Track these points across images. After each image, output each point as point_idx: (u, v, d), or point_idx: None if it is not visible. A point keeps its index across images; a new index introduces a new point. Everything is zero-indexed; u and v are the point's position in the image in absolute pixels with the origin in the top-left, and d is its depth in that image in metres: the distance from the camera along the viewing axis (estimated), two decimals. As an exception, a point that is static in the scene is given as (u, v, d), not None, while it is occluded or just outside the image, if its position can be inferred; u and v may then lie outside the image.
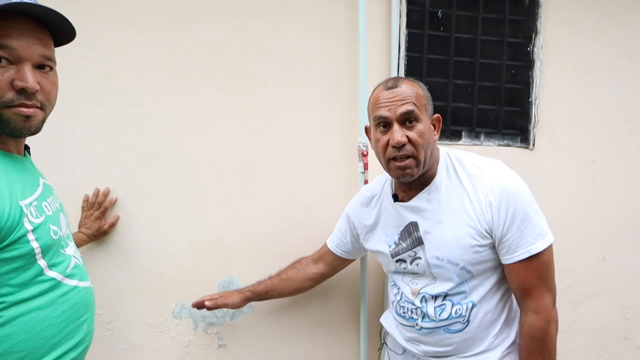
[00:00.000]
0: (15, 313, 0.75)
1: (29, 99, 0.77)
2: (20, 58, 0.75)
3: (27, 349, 0.76)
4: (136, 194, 1.39)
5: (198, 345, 1.44)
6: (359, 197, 1.24)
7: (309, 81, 1.45)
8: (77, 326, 0.84)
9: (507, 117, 1.57)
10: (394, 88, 1.01)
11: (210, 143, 1.42)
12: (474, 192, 1.03)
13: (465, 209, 1.02)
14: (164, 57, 1.39)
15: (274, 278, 1.36)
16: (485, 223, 1.01)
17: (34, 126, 0.80)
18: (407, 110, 0.99)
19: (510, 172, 1.05)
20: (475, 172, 1.05)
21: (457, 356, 1.09)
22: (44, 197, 0.84)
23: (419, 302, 1.09)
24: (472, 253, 1.02)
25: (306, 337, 1.48)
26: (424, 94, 1.05)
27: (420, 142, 1.00)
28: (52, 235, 0.81)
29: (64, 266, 0.83)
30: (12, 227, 0.72)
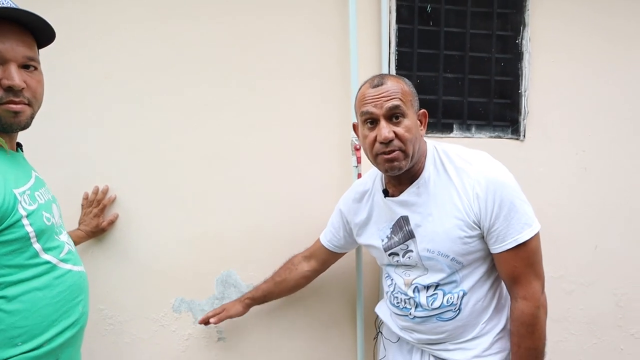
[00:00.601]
0: (15, 292, 0.81)
1: (17, 96, 0.82)
2: (6, 59, 0.81)
3: (27, 326, 0.82)
4: (134, 191, 1.40)
5: (198, 338, 1.45)
6: (351, 192, 1.25)
7: (301, 76, 1.46)
8: (72, 306, 0.90)
9: (498, 109, 1.57)
10: (380, 85, 1.02)
11: (205, 139, 1.43)
12: (461, 184, 1.03)
13: (453, 202, 1.03)
14: (159, 56, 1.40)
15: (269, 282, 1.37)
16: (473, 214, 1.02)
17: (23, 121, 0.86)
18: (394, 106, 1.00)
19: (496, 163, 1.06)
20: (462, 165, 1.05)
21: (450, 342, 1.10)
22: (36, 187, 0.90)
23: (412, 293, 1.09)
24: (461, 244, 1.03)
25: (304, 330, 1.49)
26: (410, 90, 1.05)
27: (408, 136, 1.01)
28: (45, 221, 0.86)
29: (58, 251, 0.89)
30: (7, 212, 0.78)
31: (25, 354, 0.82)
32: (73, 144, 1.37)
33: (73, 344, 0.92)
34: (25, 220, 0.82)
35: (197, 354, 1.45)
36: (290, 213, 1.46)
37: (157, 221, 1.41)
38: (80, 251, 1.35)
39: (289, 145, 1.46)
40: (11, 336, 0.80)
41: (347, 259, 1.43)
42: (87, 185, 1.37)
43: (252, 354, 1.47)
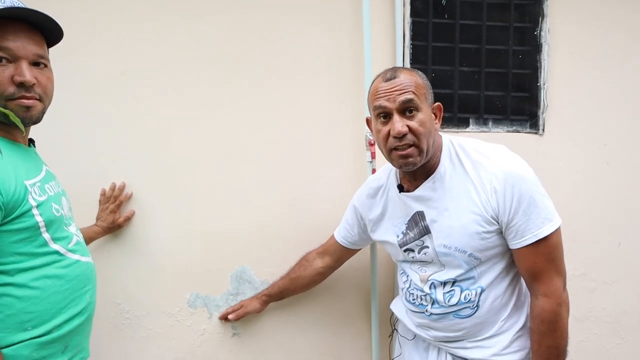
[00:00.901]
0: (26, 279, 0.84)
1: (28, 92, 0.87)
2: (17, 57, 0.86)
3: (37, 311, 0.85)
4: (148, 188, 1.41)
5: (213, 334, 1.45)
6: (365, 188, 1.23)
7: (314, 72, 1.44)
8: (80, 295, 0.93)
9: (516, 102, 1.52)
10: (393, 79, 1.00)
11: (218, 136, 1.43)
12: (478, 178, 1.00)
13: (470, 196, 1.00)
14: (173, 54, 1.40)
15: (284, 279, 1.37)
16: (490, 209, 0.99)
17: (35, 116, 0.90)
18: (407, 99, 0.98)
19: (514, 156, 1.02)
20: (479, 159, 1.02)
21: (467, 340, 1.07)
22: (46, 180, 0.94)
23: (428, 289, 1.07)
24: (479, 240, 1.00)
25: (318, 326, 1.47)
26: (424, 83, 1.03)
27: (422, 131, 0.98)
28: (54, 212, 0.90)
29: (67, 241, 0.93)
30: (17, 202, 0.82)
31: (35, 338, 0.85)
32: (86, 142, 1.38)
33: (81, 332, 0.95)
34: (35, 210, 0.85)
35: (212, 349, 1.45)
36: (304, 209, 1.45)
37: (171, 217, 1.42)
38: (97, 247, 1.38)
39: (303, 142, 1.45)
40: (21, 321, 0.84)
41: (361, 255, 1.41)
42: (100, 182, 1.38)
43: (266, 349, 1.47)
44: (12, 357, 0.82)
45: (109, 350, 1.41)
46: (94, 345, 1.39)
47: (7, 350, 0.82)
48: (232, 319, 1.38)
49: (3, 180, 0.81)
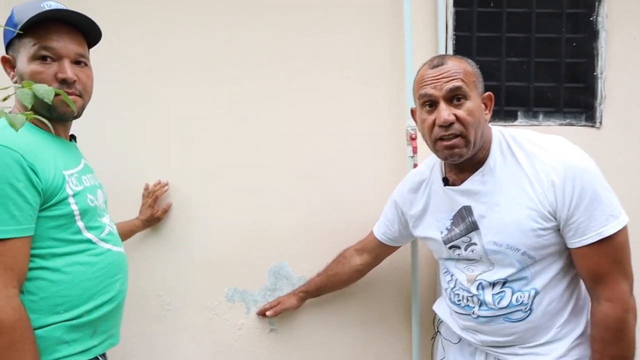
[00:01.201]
0: (60, 264, 0.89)
1: (70, 88, 0.93)
2: (60, 55, 0.92)
3: (70, 295, 0.89)
4: (189, 183, 1.42)
5: (250, 329, 1.44)
6: (407, 182, 1.17)
7: (353, 66, 1.40)
8: (111, 283, 0.97)
9: (569, 94, 1.42)
10: (440, 65, 0.94)
11: (257, 131, 1.42)
12: (533, 171, 0.93)
13: (524, 190, 0.93)
14: (214, 50, 1.41)
15: (321, 276, 1.34)
16: (547, 204, 0.91)
17: (75, 111, 0.93)
18: (455, 87, 0.92)
19: (574, 147, 0.94)
20: (534, 150, 0.95)
21: (519, 346, 0.99)
22: (83, 172, 0.99)
23: (475, 290, 1.00)
24: (534, 237, 0.92)
25: (356, 326, 1.43)
26: (473, 71, 0.97)
27: (470, 120, 0.92)
28: (89, 203, 0.95)
29: (100, 231, 0.97)
30: (55, 189, 0.87)
31: (67, 321, 0.89)
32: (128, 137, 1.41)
33: (111, 318, 0.98)
34: (72, 199, 0.90)
35: (249, 344, 1.44)
36: (342, 205, 1.41)
37: (210, 212, 1.42)
38: (140, 240, 1.41)
39: (342, 137, 1.41)
40: (55, 304, 0.88)
41: (402, 253, 1.36)
42: (142, 177, 1.40)
43: (303, 346, 1.44)
44: (45, 338, 0.86)
45: (151, 340, 1.44)
46: (136, 335, 1.43)
47: (41, 331, 0.86)
48: (270, 316, 1.37)
49: (43, 169, 0.85)
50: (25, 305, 0.84)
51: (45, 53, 0.90)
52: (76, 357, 0.90)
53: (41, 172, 0.85)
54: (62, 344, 0.88)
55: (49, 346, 0.86)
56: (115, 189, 1.33)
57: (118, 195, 1.34)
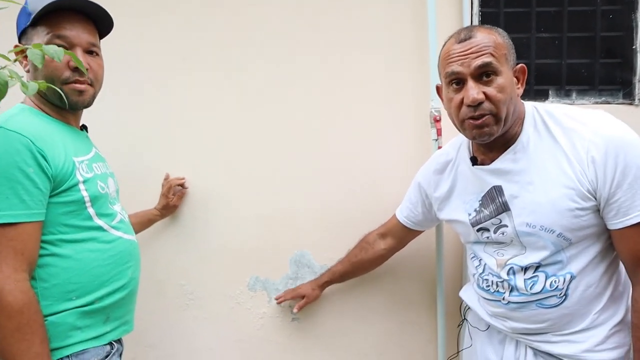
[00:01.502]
0: (71, 251, 0.89)
1: (82, 76, 0.93)
2: (73, 44, 0.93)
3: (81, 282, 0.90)
4: (210, 172, 1.42)
5: (272, 317, 1.43)
6: (431, 163, 1.13)
7: (374, 46, 1.36)
8: (122, 270, 0.97)
9: (605, 70, 1.34)
10: (468, 39, 0.88)
11: (276, 117, 1.40)
12: (571, 147, 0.87)
13: (561, 168, 0.87)
14: (230, 35, 1.39)
15: (344, 263, 1.31)
16: (587, 182, 0.85)
17: (87, 100, 0.97)
18: (484, 63, 0.86)
19: (618, 122, 0.88)
20: (572, 125, 0.89)
21: (553, 334, 0.94)
22: (94, 160, 0.99)
23: (506, 275, 0.95)
24: (571, 218, 0.87)
25: (380, 315, 1.40)
26: (504, 42, 0.91)
27: (501, 98, 0.87)
28: (100, 190, 0.95)
29: (111, 218, 0.97)
30: (65, 175, 0.88)
31: (79, 308, 0.89)
32: (146, 126, 1.42)
33: (124, 305, 0.98)
34: (82, 185, 0.90)
35: (271, 333, 1.43)
36: (365, 192, 1.38)
37: (231, 200, 1.42)
38: (160, 229, 1.41)
39: (362, 120, 1.38)
40: (66, 290, 0.88)
41: (426, 239, 1.32)
42: (159, 166, 1.40)
43: (326, 335, 1.42)
44: (58, 324, 0.86)
45: (174, 329, 1.45)
46: (158, 324, 1.45)
47: (54, 317, 0.86)
48: (296, 312, 1.36)
49: (53, 155, 0.86)
50: (38, 292, 0.85)
51: (58, 42, 0.91)
52: (89, 342, 0.90)
53: (51, 158, 0.85)
54: (75, 330, 0.88)
55: (62, 332, 0.87)
56: (132, 179, 1.35)
57: (134, 186, 1.35)
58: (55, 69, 0.91)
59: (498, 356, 1.03)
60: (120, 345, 1.00)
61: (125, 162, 1.37)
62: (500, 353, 1.03)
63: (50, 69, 0.91)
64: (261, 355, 1.44)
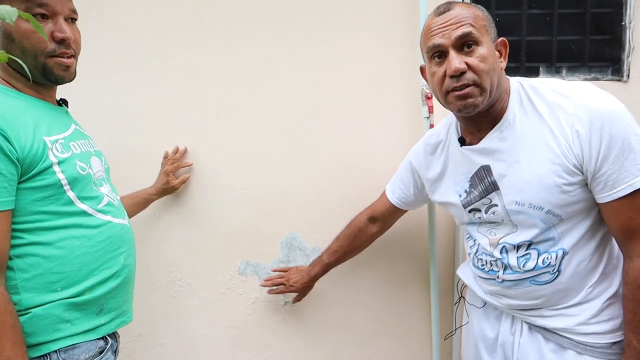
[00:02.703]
0: (52, 238, 0.83)
1: (68, 48, 0.87)
2: (55, 12, 0.85)
3: (65, 272, 0.84)
4: (198, 153, 1.37)
5: (264, 302, 1.42)
6: (422, 144, 1.11)
7: (364, 23, 1.32)
8: (112, 257, 0.90)
9: (594, 47, 1.34)
10: (447, 12, 0.88)
11: (265, 97, 1.36)
12: (555, 122, 0.86)
13: (547, 144, 0.87)
14: (219, 15, 1.33)
15: (338, 254, 1.27)
16: (573, 157, 0.85)
17: (73, 74, 0.91)
18: (464, 33, 0.85)
19: (603, 93, 0.86)
20: (556, 99, 0.88)
21: (547, 309, 0.95)
22: (72, 138, 0.91)
23: (499, 254, 0.96)
24: (559, 193, 0.86)
25: (373, 296, 1.40)
26: (483, 15, 0.90)
27: (483, 67, 0.86)
28: (79, 170, 0.87)
29: (96, 201, 0.90)
30: (35, 157, 0.80)
31: (66, 299, 0.83)
32: (135, 105, 1.36)
33: (118, 295, 0.92)
34: (57, 167, 0.83)
35: (264, 317, 1.42)
36: (356, 171, 1.36)
37: (220, 183, 1.38)
38: (149, 214, 1.37)
39: (353, 99, 1.35)
40: (50, 281, 0.82)
41: (417, 219, 1.31)
42: (147, 146, 1.36)
43: (319, 319, 1.42)
44: (43, 317, 0.81)
45: (164, 318, 1.43)
46: (148, 312, 1.42)
47: (38, 309, 0.81)
48: (294, 302, 1.35)
49: (18, 135, 0.78)
50: (18, 284, 0.79)
51: (39, 10, 0.83)
52: (80, 336, 0.84)
53: (15, 139, 0.77)
54: (63, 323, 0.83)
55: (49, 325, 0.81)
56: (119, 158, 1.29)
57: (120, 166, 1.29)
58: (38, 41, 0.83)
59: (494, 332, 1.04)
60: (115, 340, 0.95)
61: (113, 140, 1.32)
62: (497, 329, 1.04)
63: (34, 41, 0.83)
64: (254, 340, 1.43)
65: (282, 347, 1.42)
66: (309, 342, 1.42)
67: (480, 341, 1.08)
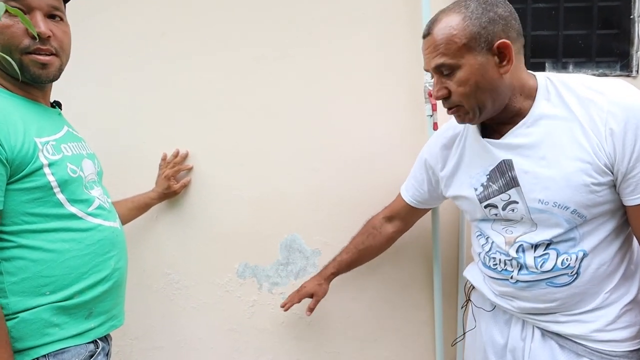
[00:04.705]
0: (41, 242, 0.79)
1: (44, 44, 0.80)
2: (31, 7, 0.79)
3: (54, 276, 0.80)
4: (193, 153, 1.29)
5: (263, 305, 1.33)
6: (438, 138, 1.03)
7: (365, 19, 1.24)
8: (103, 261, 0.86)
9: (602, 41, 1.25)
10: (427, 36, 0.84)
11: (263, 95, 1.28)
12: (587, 118, 0.79)
13: (576, 141, 0.79)
14: (215, 13, 1.25)
15: (351, 252, 1.18)
16: (604, 156, 0.77)
17: (52, 73, 0.83)
18: (436, 65, 0.83)
19: (636, 90, 0.79)
20: (589, 95, 0.80)
21: (561, 313, 0.87)
22: (64, 140, 0.86)
23: (515, 252, 0.87)
24: (586, 193, 0.79)
25: (374, 299, 1.31)
26: (466, 30, 0.78)
27: (462, 91, 0.82)
28: (70, 173, 0.83)
29: (86, 205, 0.86)
30: (25, 158, 0.76)
31: (54, 303, 0.80)
32: (130, 106, 1.29)
33: (109, 298, 0.89)
34: (47, 169, 0.79)
35: (263, 321, 1.33)
36: (357, 171, 1.27)
37: (217, 183, 1.30)
38: (146, 216, 1.28)
39: (354, 98, 1.26)
40: (38, 285, 0.79)
41: (420, 220, 1.22)
42: (143, 148, 1.28)
43: (320, 322, 1.33)
44: (32, 321, 0.78)
45: (161, 321, 1.34)
46: (145, 315, 1.33)
47: (26, 314, 0.78)
48: (308, 314, 1.20)
49: (7, 136, 0.74)
50: (6, 287, 0.75)
51: (13, 4, 0.76)
52: (69, 340, 0.80)
53: (4, 140, 0.74)
54: (52, 327, 0.79)
55: (37, 330, 0.78)
56: (115, 161, 1.23)
57: (115, 169, 1.22)
58: (12, 37, 0.78)
59: (504, 337, 0.96)
60: (107, 343, 0.90)
61: (109, 142, 1.24)
62: (506, 334, 0.95)
63: (7, 37, 0.77)
64: (253, 344, 1.34)
65: (281, 352, 1.34)
66: (309, 346, 1.34)
67: (489, 347, 0.99)
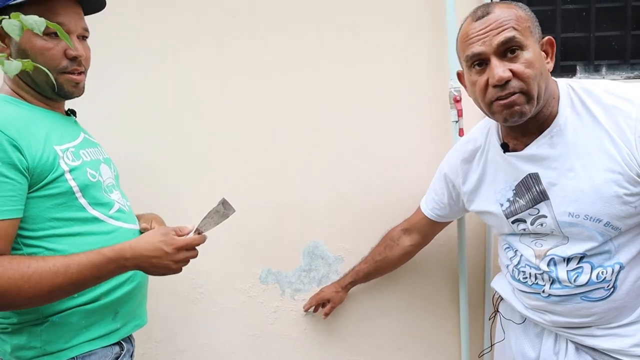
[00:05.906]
0: (67, 246, 0.80)
1: (79, 65, 0.86)
2: (69, 31, 0.84)
3: None
4: (216, 159, 1.29)
5: (286, 311, 1.32)
6: (458, 152, 0.99)
7: (389, 23, 1.22)
8: None
9: (637, 42, 1.20)
10: (486, 16, 0.78)
11: (285, 100, 1.27)
12: (615, 127, 0.75)
13: (605, 150, 0.75)
14: (233, 14, 1.26)
15: (368, 262, 1.18)
16: (636, 165, 0.74)
17: (81, 90, 0.90)
18: (506, 39, 0.75)
19: None
20: (614, 102, 0.76)
21: (598, 327, 0.82)
22: (82, 146, 0.89)
23: (546, 266, 0.83)
24: (619, 205, 0.75)
25: (398, 307, 1.28)
26: (527, 15, 0.79)
27: (530, 73, 0.75)
28: (90, 178, 0.85)
29: (107, 208, 0.88)
30: (46, 166, 0.78)
31: (83, 305, 0.81)
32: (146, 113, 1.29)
33: (133, 298, 0.90)
34: (68, 175, 0.81)
35: (285, 327, 1.32)
36: (380, 178, 1.25)
37: (241, 189, 1.29)
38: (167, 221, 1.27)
39: (377, 103, 1.24)
40: None
41: (447, 229, 1.18)
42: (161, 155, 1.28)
43: (341, 329, 1.31)
44: (62, 325, 0.79)
45: (184, 324, 1.34)
46: (169, 318, 1.33)
47: (56, 317, 0.79)
48: (324, 317, 1.25)
49: (29, 145, 0.76)
50: None
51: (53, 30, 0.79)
52: (97, 341, 0.82)
53: (26, 149, 0.76)
54: (81, 329, 0.81)
55: (67, 332, 0.80)
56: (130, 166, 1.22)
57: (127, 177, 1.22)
58: (52, 58, 0.82)
59: (535, 350, 0.91)
60: (131, 345, 0.92)
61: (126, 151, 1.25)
62: (538, 347, 0.91)
63: (47, 58, 0.81)
64: (275, 350, 1.33)
65: (303, 358, 1.32)
66: (330, 354, 1.31)
67: None
